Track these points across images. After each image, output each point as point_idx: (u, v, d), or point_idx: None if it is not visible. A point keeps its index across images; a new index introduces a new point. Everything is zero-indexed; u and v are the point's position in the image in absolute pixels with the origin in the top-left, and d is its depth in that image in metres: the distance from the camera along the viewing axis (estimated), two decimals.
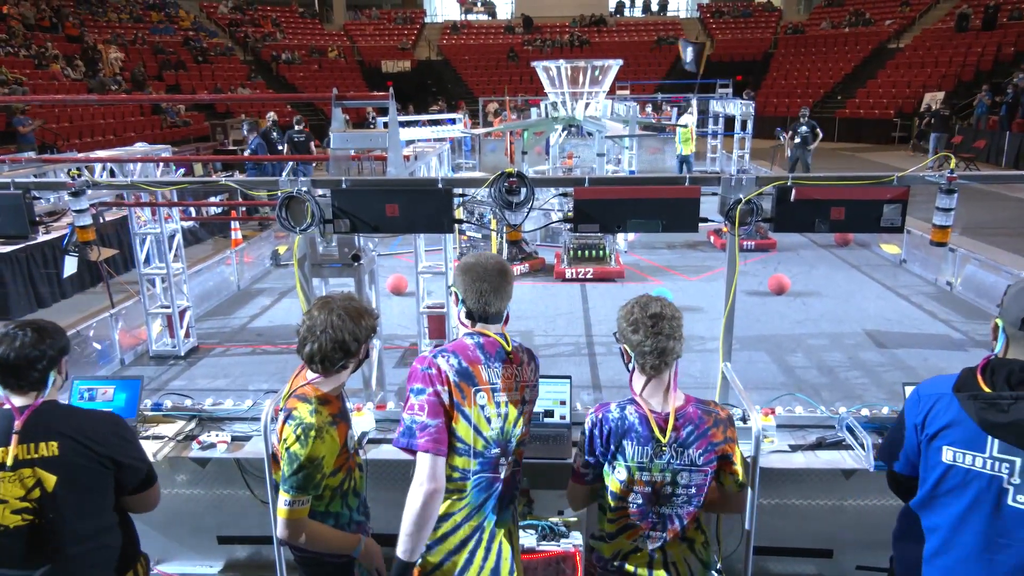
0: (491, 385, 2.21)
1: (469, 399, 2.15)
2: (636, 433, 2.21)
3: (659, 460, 2.21)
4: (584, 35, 32.87)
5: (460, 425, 2.14)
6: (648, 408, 2.23)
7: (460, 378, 2.15)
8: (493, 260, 2.28)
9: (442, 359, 2.17)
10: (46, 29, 24.27)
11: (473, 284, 2.23)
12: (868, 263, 9.50)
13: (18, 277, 7.99)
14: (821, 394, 5.52)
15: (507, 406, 2.23)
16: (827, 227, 3.20)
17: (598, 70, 10.81)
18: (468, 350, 2.21)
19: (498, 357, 2.24)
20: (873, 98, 25.47)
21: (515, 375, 2.26)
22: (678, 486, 2.24)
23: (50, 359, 2.27)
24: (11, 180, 3.54)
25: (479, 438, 2.17)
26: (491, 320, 2.27)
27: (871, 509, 3.38)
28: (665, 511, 2.27)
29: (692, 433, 2.23)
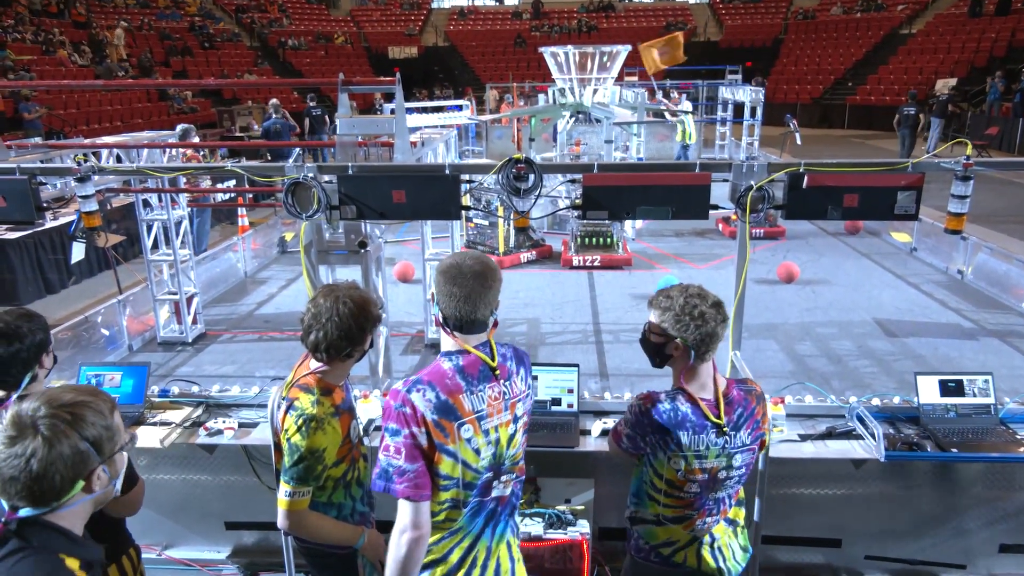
0: (477, 414, 1.97)
1: (453, 435, 1.93)
2: (691, 423, 2.18)
3: (715, 447, 2.20)
4: (592, 21, 32.58)
5: (444, 463, 1.94)
6: (698, 396, 2.22)
7: (439, 415, 1.91)
8: (473, 261, 2.00)
9: (417, 395, 1.92)
10: (53, 15, 24.24)
11: (450, 289, 1.97)
12: (878, 251, 9.42)
13: (26, 263, 8.01)
14: (831, 383, 5.48)
15: (497, 431, 2.02)
16: (840, 214, 3.16)
17: (606, 56, 10.70)
18: (446, 378, 1.96)
19: (482, 378, 2.00)
20: (884, 85, 25.17)
21: (503, 393, 2.04)
22: (732, 468, 2.25)
23: (23, 361, 2.22)
24: (17, 165, 3.52)
25: (468, 471, 1.98)
26: (472, 329, 2.01)
27: (881, 499, 3.36)
28: (720, 495, 2.28)
29: (741, 415, 2.24)
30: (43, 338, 2.31)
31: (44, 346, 2.32)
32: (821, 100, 26.46)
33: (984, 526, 3.36)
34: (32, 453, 1.37)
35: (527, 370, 2.15)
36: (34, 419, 1.40)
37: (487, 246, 9.21)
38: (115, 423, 1.55)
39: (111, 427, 1.51)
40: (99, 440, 1.47)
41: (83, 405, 1.48)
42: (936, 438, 3.14)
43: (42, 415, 1.41)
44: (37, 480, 1.38)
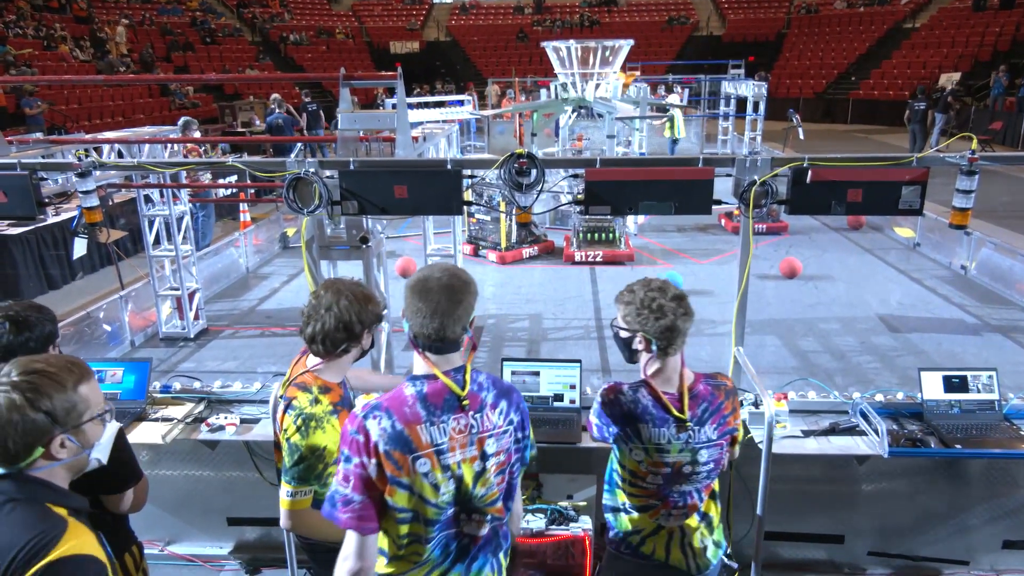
0: (436, 447, 1.81)
1: (407, 468, 1.79)
2: (651, 416, 2.18)
3: (678, 441, 2.19)
4: (594, 15, 32.48)
5: (398, 496, 1.80)
6: (661, 390, 2.21)
7: (393, 445, 1.77)
8: (441, 273, 1.86)
9: (372, 421, 1.79)
10: (54, 10, 24.20)
11: (417, 304, 1.82)
12: (881, 246, 9.39)
13: (28, 258, 8.01)
14: (834, 379, 5.48)
15: (460, 467, 1.84)
16: (844, 209, 3.14)
17: (609, 51, 10.67)
18: (405, 405, 1.81)
19: (447, 408, 1.83)
20: (888, 79, 25.06)
21: (470, 426, 1.86)
22: (698, 464, 2.23)
23: (30, 350, 2.21)
24: (18, 161, 3.51)
25: (426, 506, 1.83)
26: (443, 349, 1.85)
27: (884, 495, 3.35)
28: (686, 488, 2.27)
29: (706, 410, 2.22)
30: (51, 330, 2.32)
31: (52, 338, 2.32)
32: (824, 95, 26.35)
33: (987, 522, 3.35)
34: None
35: (511, 405, 1.94)
36: None
37: (489, 241, 9.20)
38: (79, 395, 1.57)
39: (71, 399, 1.54)
40: (54, 411, 1.51)
41: (45, 375, 1.52)
42: (940, 434, 3.13)
43: (3, 384, 1.48)
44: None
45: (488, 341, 6.52)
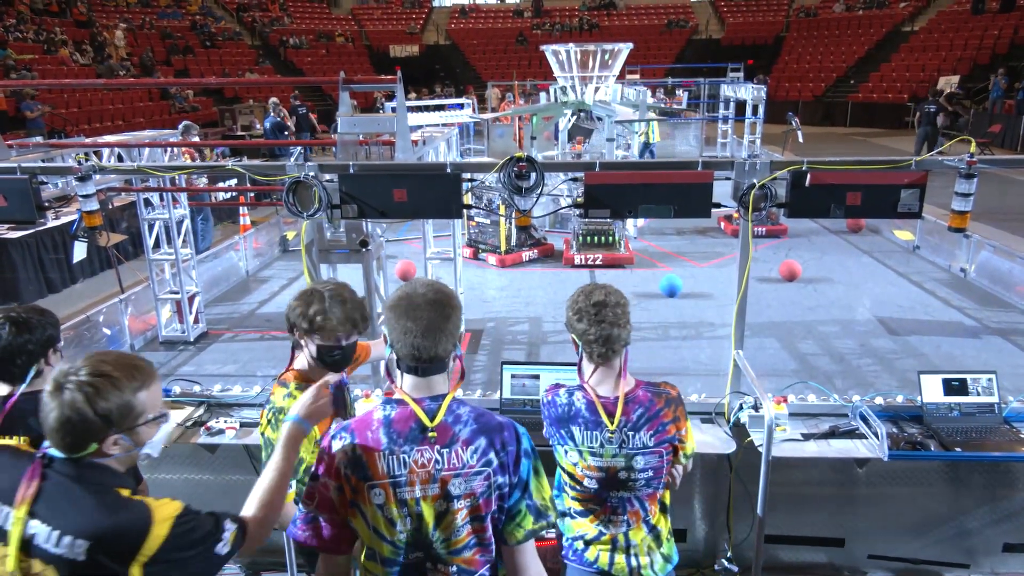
0: (392, 479, 1.68)
1: (363, 496, 1.69)
2: (583, 419, 2.19)
3: (610, 446, 2.19)
4: (593, 19, 32.53)
5: (358, 523, 1.73)
6: (596, 394, 2.21)
7: (351, 469, 1.69)
8: (426, 289, 1.76)
9: (338, 442, 1.72)
10: (54, 14, 24.24)
11: (404, 324, 1.71)
12: (880, 249, 9.40)
13: (28, 262, 8.01)
14: (833, 382, 5.48)
15: (419, 504, 1.69)
16: (843, 212, 3.14)
17: (608, 54, 10.68)
18: (369, 429, 1.71)
19: (410, 438, 1.70)
20: (887, 82, 25.11)
21: (435, 461, 1.69)
22: (634, 470, 2.22)
23: (29, 353, 2.22)
24: (18, 165, 3.51)
25: (382, 543, 1.72)
26: (424, 370, 1.74)
27: (884, 498, 3.35)
28: (624, 495, 2.25)
29: (642, 416, 2.21)
30: (52, 334, 2.32)
31: (52, 342, 2.32)
32: (823, 98, 26.40)
33: (988, 525, 3.35)
34: (52, 410, 1.58)
35: (494, 444, 1.74)
36: (64, 382, 1.58)
37: (489, 245, 9.20)
38: (137, 400, 1.64)
39: (129, 404, 1.63)
40: (109, 414, 1.59)
41: (108, 379, 1.61)
42: (940, 437, 3.13)
43: (71, 381, 1.58)
44: (54, 432, 1.58)
45: (488, 344, 6.52)
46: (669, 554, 2.36)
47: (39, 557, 1.55)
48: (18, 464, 1.64)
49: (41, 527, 1.55)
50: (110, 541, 1.54)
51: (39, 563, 1.55)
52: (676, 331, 6.67)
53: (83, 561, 1.53)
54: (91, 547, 1.53)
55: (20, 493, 1.57)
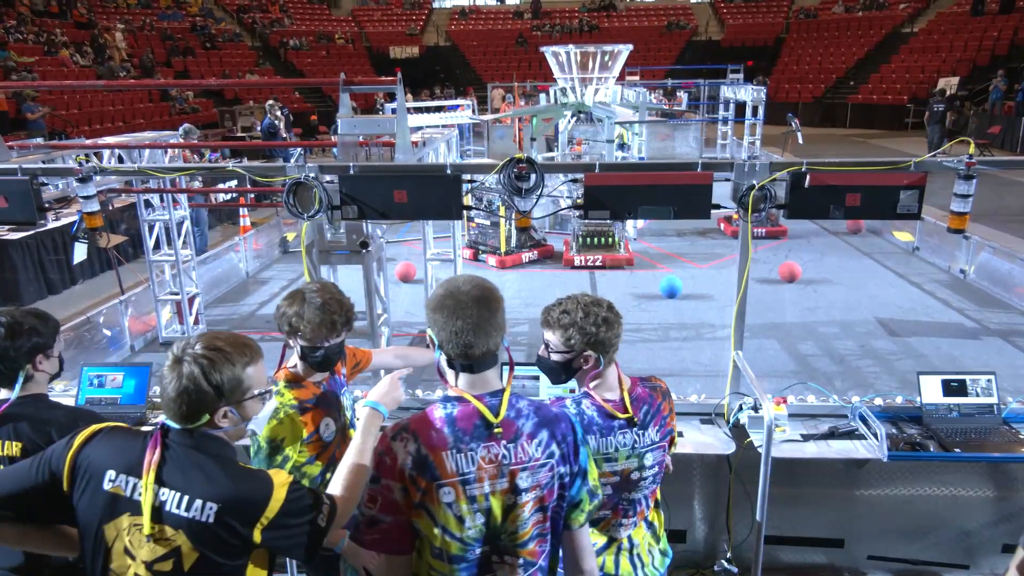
0: (461, 477, 1.68)
1: (431, 495, 1.68)
2: (598, 426, 2.16)
3: (624, 448, 2.18)
4: (593, 20, 32.56)
5: (423, 522, 1.71)
6: (602, 398, 2.20)
7: (417, 471, 1.68)
8: (469, 286, 1.75)
9: (398, 443, 1.70)
10: (54, 15, 24.26)
11: (452, 324, 1.71)
12: (880, 251, 9.41)
13: (28, 263, 8.01)
14: (833, 383, 5.48)
15: (488, 500, 1.70)
16: (842, 213, 3.15)
17: (608, 55, 10.70)
18: (433, 428, 1.70)
19: (476, 435, 1.70)
20: (886, 84, 25.14)
21: (502, 456, 1.71)
22: (645, 468, 2.23)
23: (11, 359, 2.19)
24: (19, 166, 3.52)
25: (450, 540, 1.71)
26: (479, 366, 1.75)
27: (884, 499, 3.35)
28: (634, 496, 2.25)
29: (648, 413, 2.22)
30: (39, 341, 2.24)
31: (39, 349, 2.24)
32: (823, 99, 26.43)
33: (987, 526, 3.35)
34: (170, 381, 1.68)
35: (555, 436, 1.77)
36: (182, 356, 1.70)
37: (488, 246, 9.21)
38: (246, 375, 1.76)
39: (239, 377, 1.74)
40: (221, 386, 1.70)
41: (221, 352, 1.72)
42: (939, 438, 3.13)
43: (188, 355, 1.70)
44: (171, 402, 1.69)
45: None
46: (665, 548, 2.37)
47: (169, 523, 1.64)
48: (135, 441, 1.74)
49: (170, 493, 1.65)
50: (238, 504, 1.66)
51: (169, 529, 1.65)
52: (676, 332, 6.67)
53: (211, 524, 1.63)
54: (220, 510, 1.63)
55: (146, 460, 1.66)
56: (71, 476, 1.71)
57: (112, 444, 1.75)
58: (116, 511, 1.68)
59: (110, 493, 1.68)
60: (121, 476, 1.68)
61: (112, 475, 1.68)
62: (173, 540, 1.65)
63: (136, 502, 1.66)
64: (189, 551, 1.65)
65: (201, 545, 1.65)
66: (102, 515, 1.68)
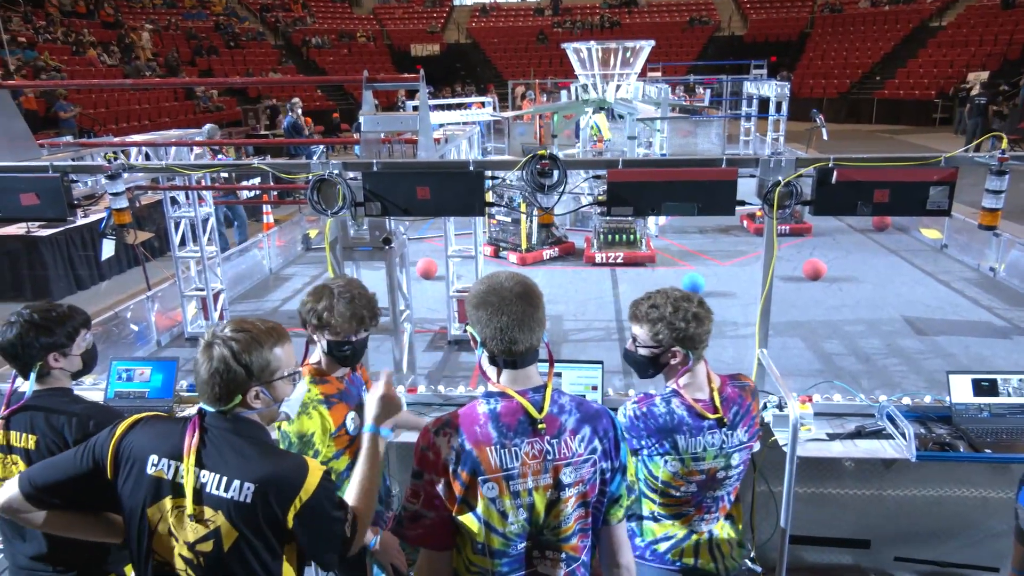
0: (505, 472, 1.68)
1: (475, 491, 1.68)
2: (687, 426, 2.16)
3: (712, 448, 2.18)
4: (615, 16, 32.39)
5: (467, 518, 1.70)
6: (692, 398, 2.19)
7: (460, 466, 1.68)
8: (512, 282, 1.74)
9: (442, 438, 1.70)
10: (82, 16, 24.66)
11: (497, 320, 1.69)
12: (907, 248, 9.26)
13: (58, 259, 8.17)
14: (859, 382, 5.41)
15: (531, 495, 1.70)
16: (870, 210, 3.10)
17: (629, 52, 10.64)
18: (477, 424, 1.70)
19: (520, 431, 1.70)
20: (913, 78, 24.71)
21: (545, 452, 1.71)
22: (731, 468, 2.23)
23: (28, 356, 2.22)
24: (50, 164, 3.59)
25: (494, 535, 1.71)
26: (522, 362, 1.73)
27: (911, 500, 3.30)
28: (719, 493, 2.26)
29: (737, 413, 2.22)
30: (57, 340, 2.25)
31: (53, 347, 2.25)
32: (848, 95, 26.05)
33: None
34: (203, 364, 1.74)
35: (597, 432, 1.77)
36: (213, 340, 1.75)
37: (509, 243, 9.21)
38: (274, 355, 1.80)
39: (267, 358, 1.78)
40: (251, 366, 1.75)
41: (248, 334, 1.77)
42: (969, 438, 3.08)
43: (218, 338, 1.75)
44: (205, 384, 1.75)
45: None
46: (742, 540, 2.39)
47: (209, 504, 1.70)
48: (174, 427, 1.79)
49: (210, 475, 1.70)
50: (275, 484, 1.70)
51: (209, 510, 1.70)
52: None
53: (249, 503, 1.68)
54: (257, 489, 1.68)
55: (186, 444, 1.72)
56: (115, 463, 1.77)
57: (154, 430, 1.80)
58: (159, 494, 1.73)
59: (153, 477, 1.73)
60: (163, 460, 1.73)
61: (155, 459, 1.74)
62: (213, 521, 1.70)
63: (178, 485, 1.71)
64: (228, 531, 1.70)
65: (239, 525, 1.70)
66: (146, 498, 1.74)
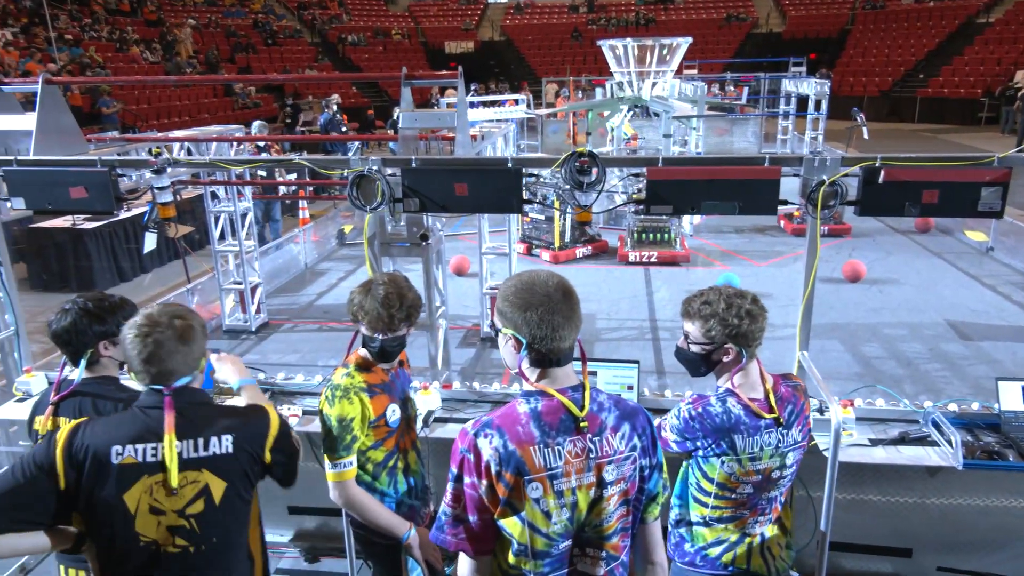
0: (549, 472, 1.66)
1: (519, 491, 1.65)
2: (745, 425, 2.14)
3: (769, 447, 2.16)
4: (650, 13, 32.10)
5: (509, 521, 1.68)
6: (748, 398, 2.17)
7: (504, 467, 1.64)
8: (553, 281, 1.71)
9: (483, 440, 1.67)
10: (126, 14, 25.24)
11: (541, 321, 1.66)
12: (951, 250, 9.02)
13: (102, 252, 8.38)
14: (901, 387, 5.28)
15: (575, 494, 1.69)
16: (918, 211, 3.02)
17: (666, 49, 10.54)
18: (519, 424, 1.67)
19: (563, 429, 1.68)
20: (959, 76, 24.05)
21: (588, 450, 1.69)
22: (786, 467, 2.21)
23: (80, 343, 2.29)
24: (98, 158, 3.67)
25: (536, 535, 1.68)
26: (564, 360, 1.72)
27: (956, 509, 3.22)
28: (773, 494, 2.24)
29: (792, 412, 2.20)
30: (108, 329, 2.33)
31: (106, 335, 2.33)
32: (890, 93, 25.45)
33: None
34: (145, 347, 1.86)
35: (636, 429, 1.76)
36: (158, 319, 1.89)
37: (542, 241, 9.19)
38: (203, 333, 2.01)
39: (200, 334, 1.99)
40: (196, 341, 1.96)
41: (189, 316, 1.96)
42: (1018, 447, 2.99)
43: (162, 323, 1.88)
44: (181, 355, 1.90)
45: None
46: (791, 542, 2.38)
47: (190, 468, 1.83)
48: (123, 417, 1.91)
49: (184, 443, 1.84)
50: (249, 430, 1.92)
51: (192, 473, 1.84)
52: None
53: (232, 453, 1.87)
54: (236, 438, 1.88)
55: (166, 423, 1.84)
56: (70, 468, 1.78)
57: (105, 426, 1.88)
58: (133, 478, 1.80)
59: (121, 465, 1.80)
60: (128, 447, 1.81)
61: (119, 449, 1.81)
62: (199, 480, 1.83)
63: (151, 463, 1.81)
64: (217, 484, 1.84)
65: (225, 475, 1.86)
66: (119, 488, 1.79)
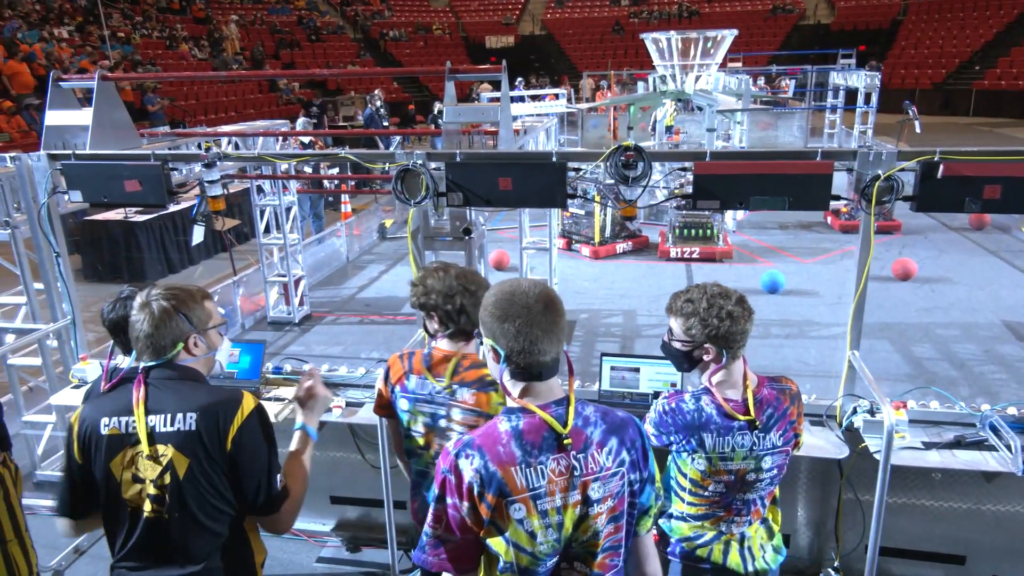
0: (532, 492, 1.60)
1: (502, 513, 1.59)
2: (715, 424, 2.12)
3: (741, 449, 2.13)
4: (693, 5, 31.61)
5: (494, 540, 1.63)
6: (723, 397, 2.14)
7: (486, 488, 1.58)
8: (536, 291, 1.64)
9: (464, 460, 1.60)
10: (175, 12, 25.88)
11: (519, 333, 1.59)
12: (1008, 248, 8.70)
13: (152, 244, 8.62)
14: (956, 389, 5.12)
15: (560, 513, 1.62)
16: (979, 207, 2.91)
17: (710, 41, 10.38)
18: (499, 443, 1.60)
19: (544, 447, 1.61)
20: (1017, 68, 23.15)
21: (572, 468, 1.62)
22: (761, 471, 2.17)
23: None
24: (152, 152, 3.77)
25: (521, 554, 1.63)
26: (547, 373, 1.65)
27: (1013, 516, 3.11)
28: (750, 496, 2.20)
29: (772, 416, 2.16)
30: None
31: None
32: (943, 85, 24.64)
33: None
34: (144, 320, 1.95)
35: (624, 443, 1.68)
36: (149, 300, 1.97)
37: (582, 236, 9.15)
38: (205, 308, 2.05)
39: (203, 310, 2.04)
40: (191, 315, 2.00)
41: (183, 290, 2.02)
42: None
43: (153, 297, 1.97)
44: (148, 338, 1.95)
45: (581, 336, 6.48)
46: (779, 546, 2.32)
47: (160, 442, 1.91)
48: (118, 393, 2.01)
49: (156, 418, 1.92)
50: (214, 410, 1.92)
51: (161, 447, 1.91)
52: (778, 329, 6.41)
53: (193, 431, 1.90)
54: (199, 417, 1.90)
55: (135, 398, 1.93)
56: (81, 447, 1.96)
57: (100, 401, 2.02)
58: (117, 448, 1.93)
59: (107, 435, 1.94)
60: (114, 419, 1.94)
61: (106, 421, 1.94)
62: (165, 455, 1.91)
63: (131, 435, 1.92)
64: (179, 459, 1.89)
65: (187, 452, 1.89)
66: (107, 456, 1.94)
